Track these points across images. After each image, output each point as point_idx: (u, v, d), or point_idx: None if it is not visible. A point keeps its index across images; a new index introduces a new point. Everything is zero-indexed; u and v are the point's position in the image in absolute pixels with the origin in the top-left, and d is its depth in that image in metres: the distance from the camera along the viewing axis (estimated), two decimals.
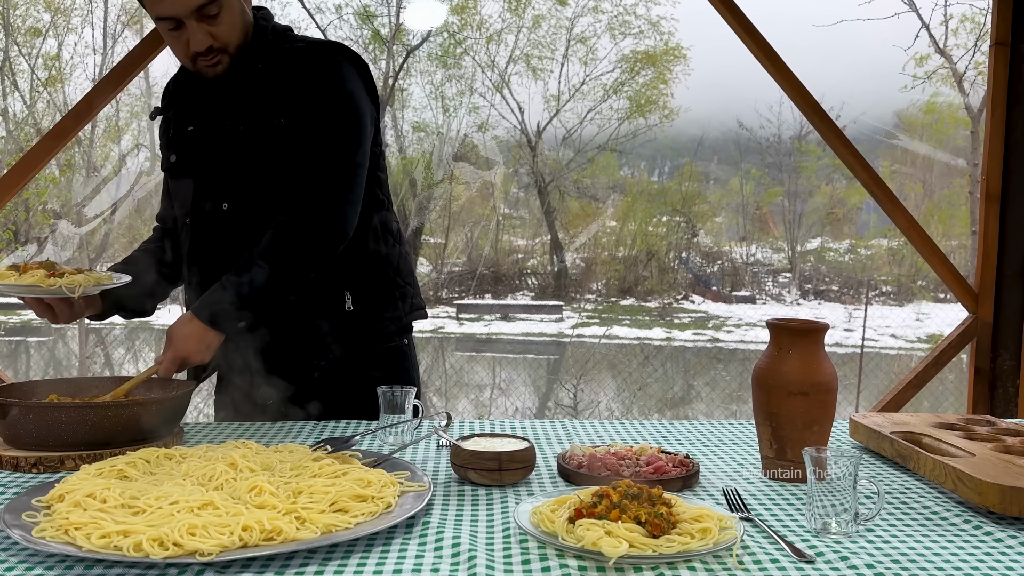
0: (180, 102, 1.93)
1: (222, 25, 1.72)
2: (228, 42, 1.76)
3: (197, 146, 1.87)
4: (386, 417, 1.72)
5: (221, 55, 1.76)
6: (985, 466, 1.33)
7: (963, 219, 16.78)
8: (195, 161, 1.88)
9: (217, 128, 1.84)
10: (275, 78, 1.82)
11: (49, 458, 1.46)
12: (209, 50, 1.73)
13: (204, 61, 1.75)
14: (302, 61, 1.83)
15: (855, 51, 19.97)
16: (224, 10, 1.71)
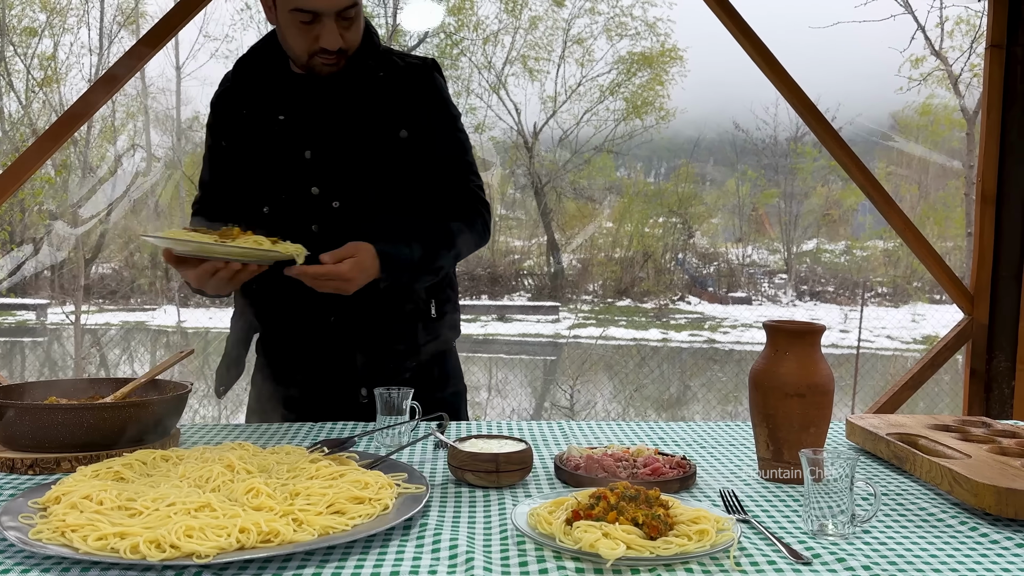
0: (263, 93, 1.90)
1: (353, 29, 1.77)
2: (352, 46, 1.80)
3: (291, 138, 1.86)
4: (383, 418, 1.72)
5: (341, 56, 1.79)
6: (981, 468, 1.34)
7: (959, 221, 16.83)
8: (287, 152, 1.86)
9: (322, 125, 1.85)
10: (394, 89, 1.87)
11: (45, 460, 1.46)
12: (338, 50, 1.76)
13: (324, 59, 1.77)
14: (418, 77, 1.90)
15: (851, 53, 20.02)
16: (357, 16, 1.77)
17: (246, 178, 1.90)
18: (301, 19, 1.72)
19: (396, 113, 1.86)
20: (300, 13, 1.71)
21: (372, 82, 1.87)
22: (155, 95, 17.04)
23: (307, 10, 1.70)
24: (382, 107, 1.86)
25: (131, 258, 17.07)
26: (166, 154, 17.23)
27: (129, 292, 16.70)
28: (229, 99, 1.94)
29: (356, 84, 1.86)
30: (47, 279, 14.99)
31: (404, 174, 1.87)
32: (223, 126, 1.94)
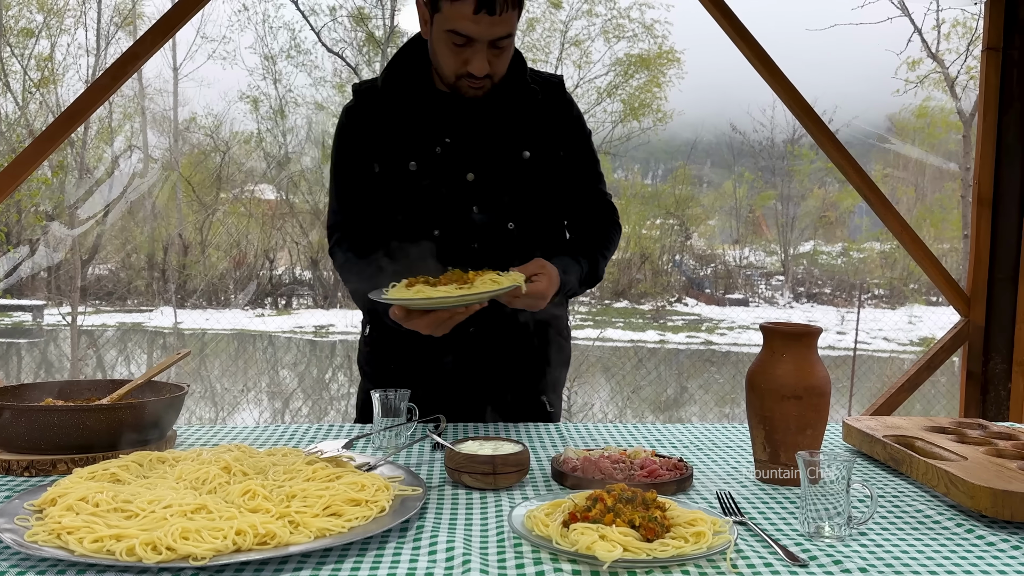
0: (418, 114, 1.89)
1: (502, 57, 1.79)
2: (498, 73, 1.81)
3: (454, 161, 1.87)
4: (381, 420, 1.72)
5: (487, 82, 1.80)
6: (977, 470, 1.34)
7: (955, 223, 16.85)
8: (450, 175, 1.87)
9: (484, 147, 1.88)
10: (545, 110, 1.93)
11: (41, 461, 1.46)
12: (484, 76, 1.77)
13: (471, 83, 1.79)
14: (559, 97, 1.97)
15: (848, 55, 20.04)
16: (509, 44, 1.78)
17: (406, 201, 1.88)
18: (455, 41, 1.73)
19: (550, 133, 1.92)
20: (455, 35, 1.72)
21: (527, 104, 1.91)
22: (152, 96, 17.03)
23: (463, 34, 1.71)
24: (537, 126, 1.91)
25: (128, 259, 17.04)
26: (163, 155, 17.21)
27: (126, 293, 16.68)
28: (380, 123, 1.90)
29: (512, 106, 1.89)
30: (43, 280, 14.97)
31: (559, 191, 1.96)
32: (374, 149, 1.90)
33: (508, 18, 1.71)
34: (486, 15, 1.68)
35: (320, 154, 16.72)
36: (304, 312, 16.37)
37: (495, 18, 1.69)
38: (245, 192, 17.73)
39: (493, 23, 1.70)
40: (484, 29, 1.70)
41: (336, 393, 11.49)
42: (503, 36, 1.73)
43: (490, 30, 1.71)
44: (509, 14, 1.71)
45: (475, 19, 1.68)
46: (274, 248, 17.37)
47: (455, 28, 1.71)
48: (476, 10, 1.67)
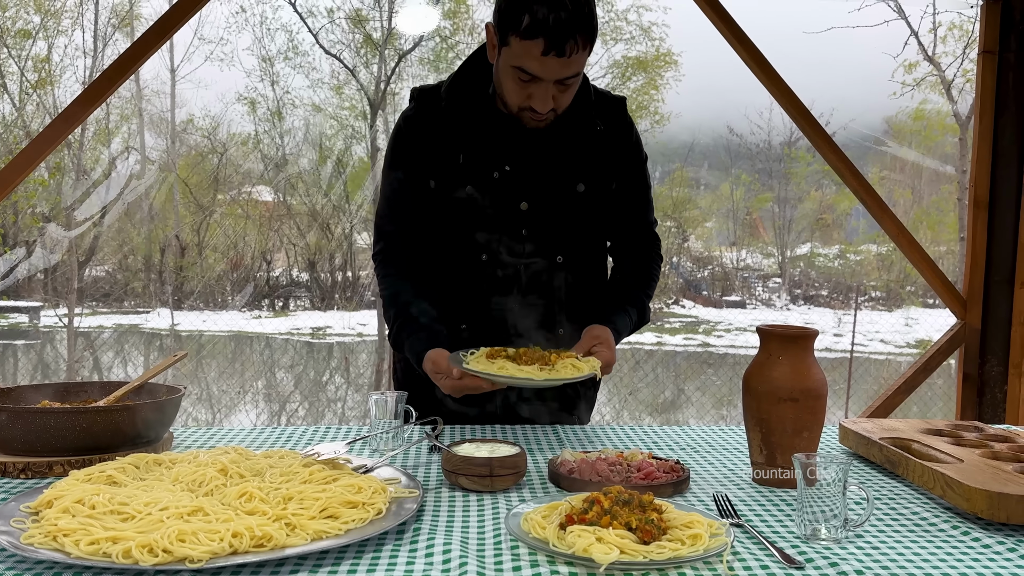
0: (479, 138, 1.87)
1: (568, 93, 1.76)
2: (562, 107, 1.78)
3: (510, 189, 1.87)
4: (378, 423, 1.72)
5: (551, 115, 1.78)
6: (973, 472, 1.34)
7: (951, 225, 16.88)
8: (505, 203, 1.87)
9: (540, 177, 1.87)
10: (605, 141, 1.92)
11: (37, 463, 1.45)
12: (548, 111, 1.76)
13: (533, 116, 1.77)
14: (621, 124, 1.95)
15: (845, 58, 20.06)
16: (576, 82, 1.75)
17: (458, 223, 1.87)
18: (520, 76, 1.71)
19: (607, 166, 1.92)
20: (521, 72, 1.70)
21: (587, 136, 1.90)
22: (149, 98, 17.00)
23: (529, 72, 1.69)
24: (595, 160, 1.90)
25: (125, 261, 17.01)
26: (160, 156, 17.19)
27: (123, 295, 16.65)
28: (438, 137, 1.87)
29: (572, 137, 1.88)
30: (40, 282, 14.94)
31: (609, 223, 1.99)
32: (431, 165, 1.87)
33: (577, 60, 1.68)
34: (555, 56, 1.64)
35: (317, 156, 16.70)
36: (301, 314, 16.35)
37: (564, 60, 1.65)
38: (242, 194, 17.71)
39: (562, 65, 1.66)
40: (552, 70, 1.67)
41: (333, 395, 11.48)
42: (570, 76, 1.70)
43: (558, 71, 1.68)
44: (579, 56, 1.67)
45: (543, 60, 1.65)
46: (271, 250, 17.36)
47: (522, 66, 1.68)
48: (545, 51, 1.64)
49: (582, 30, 1.64)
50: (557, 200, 1.88)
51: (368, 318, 14.67)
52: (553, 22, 1.61)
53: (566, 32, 1.62)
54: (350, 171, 16.56)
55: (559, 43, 1.62)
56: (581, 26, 1.64)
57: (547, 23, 1.62)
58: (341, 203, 16.73)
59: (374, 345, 12.59)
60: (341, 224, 16.86)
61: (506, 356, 1.67)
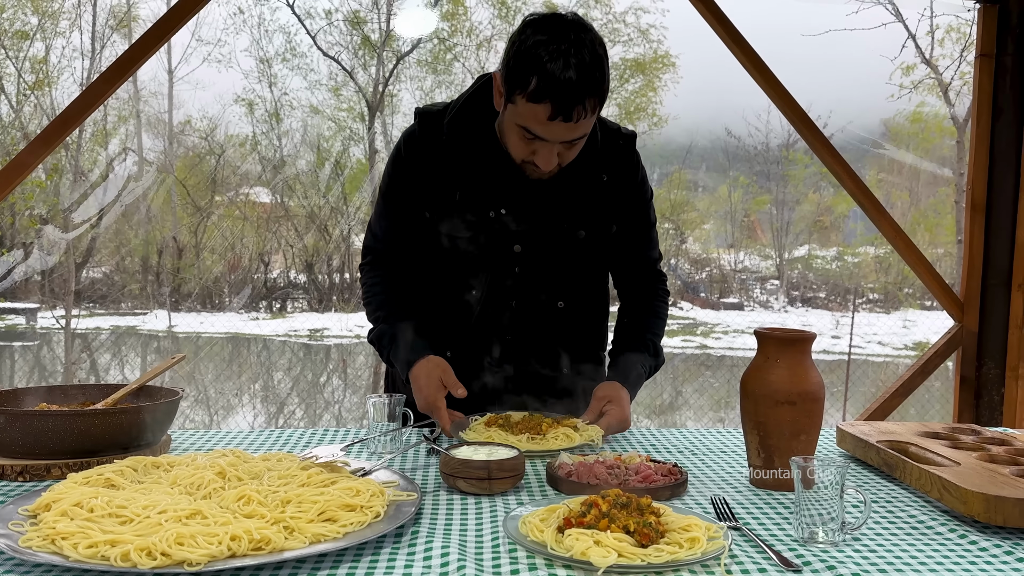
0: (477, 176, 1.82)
1: (573, 150, 1.70)
2: (568, 161, 1.72)
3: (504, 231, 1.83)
4: (376, 425, 1.72)
5: (555, 169, 1.72)
6: (970, 475, 1.34)
7: (949, 227, 16.91)
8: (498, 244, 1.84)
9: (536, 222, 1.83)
10: (608, 186, 1.87)
11: (35, 466, 1.45)
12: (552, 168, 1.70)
13: (535, 170, 1.71)
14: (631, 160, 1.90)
15: (842, 61, 20.09)
16: (582, 140, 1.69)
17: (447, 258, 1.85)
18: (525, 135, 1.65)
19: (609, 210, 1.88)
20: (525, 131, 1.64)
21: (591, 184, 1.85)
22: (147, 99, 16.99)
23: (533, 133, 1.63)
24: (597, 207, 1.86)
25: (122, 262, 17.00)
26: (157, 158, 17.18)
27: (120, 296, 16.63)
28: (437, 165, 1.83)
29: (575, 185, 1.83)
30: (37, 283, 14.92)
31: (612, 262, 1.97)
32: (428, 195, 1.84)
33: (585, 124, 1.61)
34: (561, 121, 1.58)
35: (315, 157, 16.70)
36: (299, 315, 16.34)
37: (571, 124, 1.59)
38: (240, 195, 17.70)
39: (568, 129, 1.60)
40: (557, 133, 1.62)
41: (331, 397, 11.48)
42: (578, 138, 1.65)
43: (563, 135, 1.62)
44: (586, 120, 1.61)
45: (549, 124, 1.59)
46: (269, 251, 17.35)
47: (527, 126, 1.62)
48: (552, 116, 1.57)
49: (591, 94, 1.58)
50: (554, 246, 1.84)
51: (366, 320, 14.67)
52: (561, 87, 1.54)
53: (574, 98, 1.55)
54: (348, 173, 16.56)
55: (566, 109, 1.56)
56: (590, 90, 1.57)
57: (555, 87, 1.55)
58: (339, 205, 16.73)
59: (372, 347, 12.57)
60: (339, 226, 16.85)
61: (500, 424, 1.73)
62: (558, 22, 1.60)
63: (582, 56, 1.56)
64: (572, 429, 1.73)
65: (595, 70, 1.58)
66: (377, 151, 15.76)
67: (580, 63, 1.55)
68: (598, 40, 1.62)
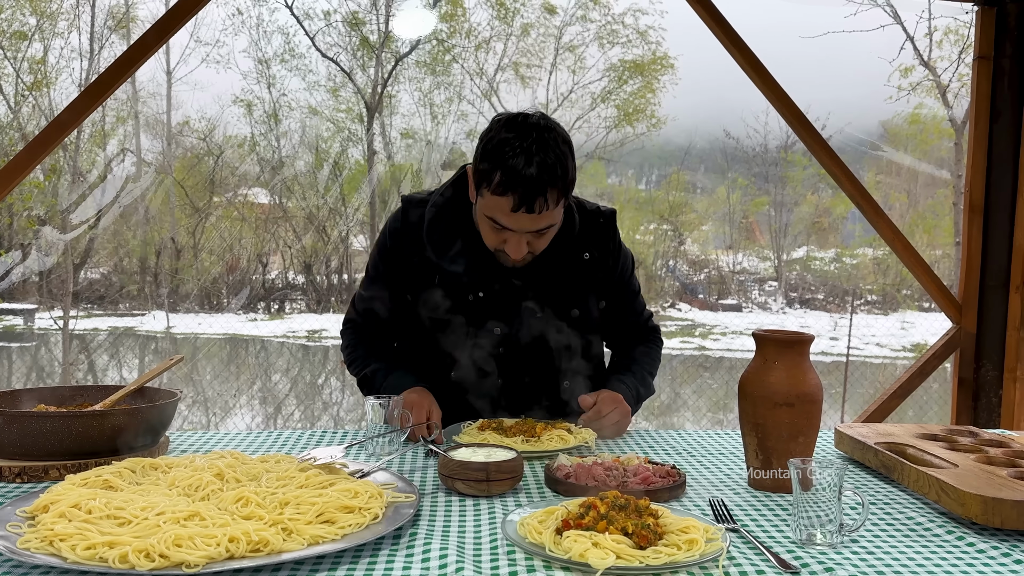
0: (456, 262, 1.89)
1: (543, 240, 1.77)
2: (539, 250, 1.80)
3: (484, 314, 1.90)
4: (374, 427, 1.72)
5: (528, 257, 1.80)
6: (968, 477, 1.34)
7: (947, 229, 16.92)
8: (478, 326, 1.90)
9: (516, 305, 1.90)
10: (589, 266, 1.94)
11: (33, 468, 1.45)
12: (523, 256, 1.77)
13: (507, 258, 1.79)
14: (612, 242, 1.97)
15: (841, 63, 20.11)
16: (551, 230, 1.76)
17: (431, 338, 1.92)
18: (494, 226, 1.73)
19: (590, 288, 1.95)
20: (493, 222, 1.72)
21: (573, 264, 1.92)
22: (145, 100, 16.97)
23: (500, 224, 1.72)
24: (578, 285, 1.92)
25: (120, 263, 16.98)
26: (156, 159, 17.16)
27: (118, 297, 16.62)
28: (419, 260, 1.90)
29: (557, 266, 1.90)
30: (35, 284, 14.90)
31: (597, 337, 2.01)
32: (410, 278, 1.93)
33: (549, 215, 1.70)
34: (525, 212, 1.67)
35: (314, 158, 16.69)
36: (297, 316, 16.33)
37: (534, 215, 1.68)
38: (238, 196, 17.68)
39: (533, 219, 1.69)
40: (523, 224, 1.70)
41: (329, 398, 11.47)
42: (543, 228, 1.73)
43: (529, 225, 1.70)
44: (550, 212, 1.69)
45: (513, 215, 1.68)
46: (267, 252, 17.33)
47: (494, 217, 1.71)
48: (515, 208, 1.66)
49: (552, 186, 1.66)
50: (533, 327, 1.90)
51: None
52: (523, 181, 1.64)
53: (535, 190, 1.64)
54: (346, 174, 16.55)
55: (528, 201, 1.65)
56: (551, 183, 1.66)
57: (516, 181, 1.64)
58: (337, 206, 16.72)
59: None
60: (337, 227, 16.84)
61: (495, 428, 1.76)
62: (523, 122, 1.71)
63: (544, 154, 1.66)
64: (566, 431, 1.75)
65: (556, 166, 1.67)
66: (376, 152, 15.76)
67: (542, 161, 1.65)
68: (562, 137, 1.72)
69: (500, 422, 1.81)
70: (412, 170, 16.63)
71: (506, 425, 1.79)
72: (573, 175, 1.73)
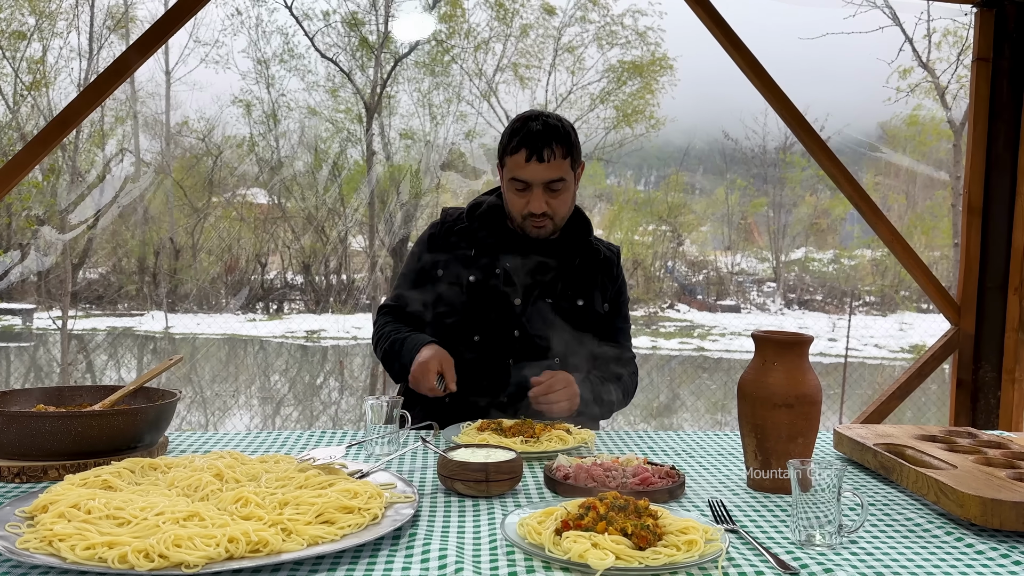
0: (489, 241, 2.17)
1: (559, 199, 2.10)
2: (557, 212, 2.12)
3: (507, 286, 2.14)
4: (373, 427, 1.72)
5: (548, 220, 2.11)
6: (966, 478, 1.35)
7: (945, 230, 16.94)
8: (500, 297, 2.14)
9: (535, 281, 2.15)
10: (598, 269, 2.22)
11: (32, 468, 1.45)
12: (543, 214, 2.09)
13: (534, 221, 2.10)
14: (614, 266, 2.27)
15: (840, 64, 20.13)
16: (565, 189, 2.10)
17: (457, 306, 2.15)
18: (517, 187, 2.09)
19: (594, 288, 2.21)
20: (516, 182, 2.08)
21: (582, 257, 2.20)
22: (144, 100, 16.96)
23: (520, 179, 2.07)
24: (585, 280, 2.20)
25: (119, 263, 16.97)
26: (154, 159, 17.15)
27: (116, 297, 16.60)
28: (459, 236, 2.21)
29: (568, 255, 2.19)
30: (33, 284, 14.89)
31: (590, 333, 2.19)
32: (445, 255, 2.20)
33: (557, 165, 2.06)
34: (536, 162, 2.04)
35: (313, 159, 16.68)
36: (296, 317, 16.32)
37: (545, 165, 2.04)
38: (237, 196, 17.67)
39: (545, 169, 2.05)
40: (537, 174, 2.05)
41: (327, 399, 11.46)
42: (555, 179, 2.06)
43: (543, 174, 2.05)
44: (558, 162, 2.05)
45: (528, 167, 2.05)
46: (266, 253, 17.33)
47: (515, 175, 2.08)
48: (528, 158, 2.05)
49: (557, 140, 2.05)
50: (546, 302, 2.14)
51: (363, 321, 14.65)
52: (531, 136, 2.05)
53: (542, 141, 2.04)
54: (346, 175, 16.54)
55: (539, 150, 2.04)
56: (556, 137, 2.05)
57: (527, 137, 2.05)
58: (336, 206, 16.71)
59: (368, 349, 12.56)
60: (336, 227, 16.84)
61: (494, 429, 1.80)
62: (533, 111, 2.13)
63: (548, 120, 2.09)
64: (565, 432, 1.76)
65: (559, 127, 2.09)
66: (375, 152, 15.75)
67: (546, 123, 2.08)
68: (566, 120, 2.13)
69: (499, 423, 1.82)
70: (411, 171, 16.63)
71: (505, 426, 1.79)
72: (578, 145, 2.12)
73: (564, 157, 2.06)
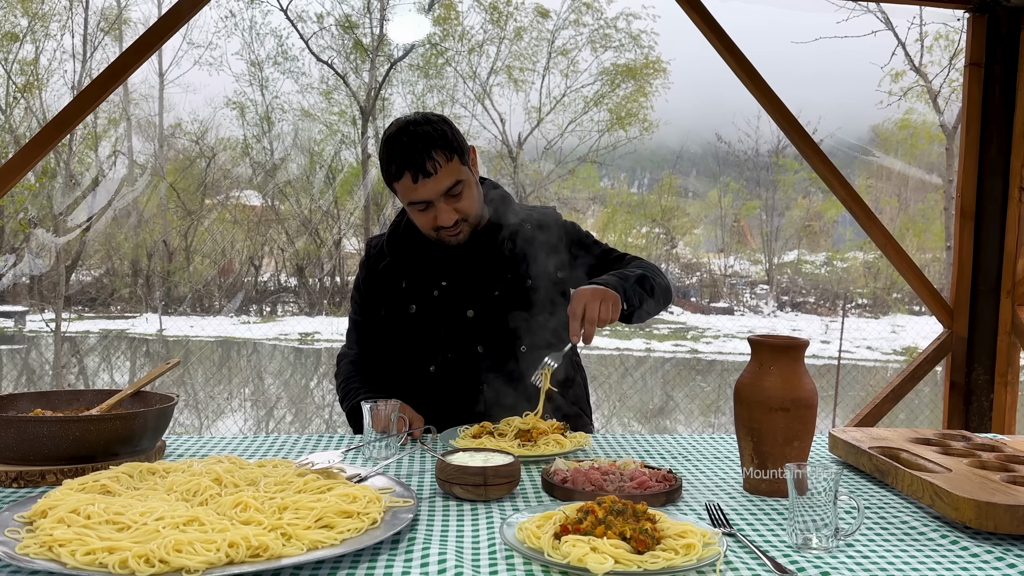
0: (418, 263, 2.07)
1: (464, 200, 1.95)
2: (468, 213, 1.97)
3: (453, 301, 2.04)
4: (371, 432, 1.72)
5: (463, 225, 1.97)
6: (961, 481, 1.36)
7: (937, 233, 17.02)
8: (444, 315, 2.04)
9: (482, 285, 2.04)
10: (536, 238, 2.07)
11: (30, 472, 1.45)
12: (455, 223, 1.95)
13: (448, 232, 1.96)
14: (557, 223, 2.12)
15: (833, 68, 20.22)
16: (465, 188, 1.95)
17: (409, 341, 2.06)
18: (418, 208, 1.94)
19: (547, 260, 2.07)
20: (414, 204, 1.94)
21: (498, 243, 2.06)
22: (137, 102, 16.92)
23: (417, 201, 1.91)
24: (534, 257, 2.06)
25: (112, 266, 16.92)
26: (148, 160, 17.11)
27: (109, 300, 16.56)
28: (385, 273, 2.10)
29: (504, 242, 2.06)
30: (25, 286, 14.84)
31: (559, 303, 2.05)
32: (380, 297, 2.11)
33: (447, 171, 1.89)
34: (424, 179, 1.87)
35: (307, 161, 16.67)
36: (289, 319, 16.30)
37: (434, 177, 1.88)
38: (231, 199, 17.64)
39: (436, 181, 1.88)
40: (430, 189, 1.89)
41: (321, 402, 11.44)
42: (451, 186, 1.90)
43: (436, 187, 1.89)
44: (446, 168, 1.88)
45: (418, 187, 1.88)
46: (259, 255, 17.30)
47: (408, 199, 1.93)
48: (415, 179, 1.88)
49: (434, 145, 1.87)
50: (507, 300, 2.02)
51: None
52: (406, 154, 1.87)
53: (420, 155, 1.86)
54: (340, 177, 16.53)
55: (420, 166, 1.86)
56: (431, 143, 1.87)
57: (403, 157, 1.87)
58: (331, 209, 16.70)
59: None
60: (330, 230, 16.82)
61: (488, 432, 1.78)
62: (399, 121, 1.94)
63: (417, 129, 1.89)
64: (561, 435, 1.76)
65: (429, 130, 1.89)
66: (370, 155, 15.74)
67: (415, 133, 1.88)
68: (434, 117, 1.94)
69: (497, 427, 1.82)
70: None
71: (503, 430, 1.79)
72: (457, 136, 1.93)
73: (449, 159, 1.89)
